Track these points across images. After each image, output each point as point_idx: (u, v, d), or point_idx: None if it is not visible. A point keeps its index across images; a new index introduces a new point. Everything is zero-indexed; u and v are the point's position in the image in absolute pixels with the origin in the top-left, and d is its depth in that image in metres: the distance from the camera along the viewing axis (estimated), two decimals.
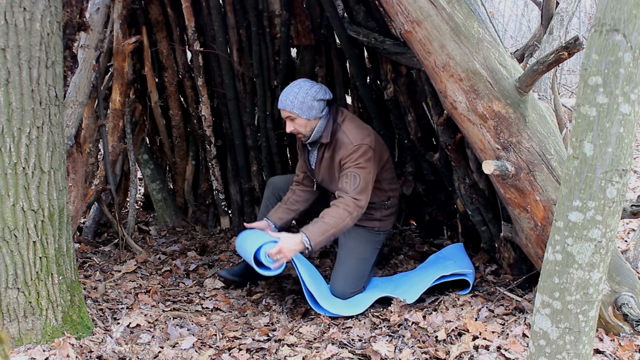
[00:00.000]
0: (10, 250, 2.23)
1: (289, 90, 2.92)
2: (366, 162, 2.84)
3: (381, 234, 3.23)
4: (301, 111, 2.88)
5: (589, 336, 1.65)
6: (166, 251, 3.84)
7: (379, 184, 3.06)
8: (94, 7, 3.29)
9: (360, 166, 2.83)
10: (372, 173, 2.89)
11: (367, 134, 2.94)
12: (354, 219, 2.85)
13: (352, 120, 3.00)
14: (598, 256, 1.57)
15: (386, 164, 3.08)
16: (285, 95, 2.92)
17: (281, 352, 2.42)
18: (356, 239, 3.12)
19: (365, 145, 2.86)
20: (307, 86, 2.92)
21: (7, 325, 2.26)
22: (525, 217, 2.54)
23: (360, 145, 2.85)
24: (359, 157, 2.84)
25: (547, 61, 2.28)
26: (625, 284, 2.40)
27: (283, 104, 2.92)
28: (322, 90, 2.94)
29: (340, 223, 2.80)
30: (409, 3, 2.41)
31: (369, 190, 2.88)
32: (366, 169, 2.84)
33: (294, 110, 2.88)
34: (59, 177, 2.37)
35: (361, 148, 2.84)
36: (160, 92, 4.08)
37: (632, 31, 1.44)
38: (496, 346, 2.32)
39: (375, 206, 3.11)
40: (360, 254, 3.11)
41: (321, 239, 2.80)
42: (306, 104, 2.86)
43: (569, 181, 1.57)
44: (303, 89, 2.90)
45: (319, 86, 2.96)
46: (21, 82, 2.17)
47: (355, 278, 3.07)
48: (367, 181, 2.85)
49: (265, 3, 3.82)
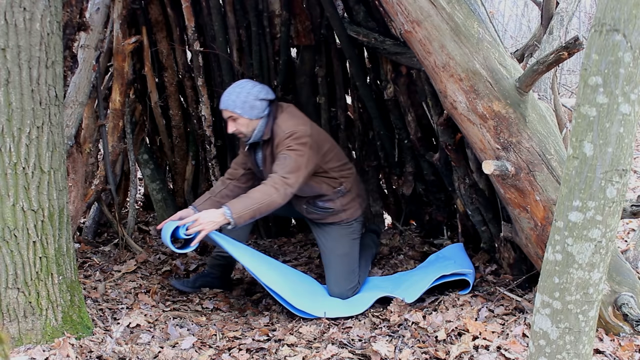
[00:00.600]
0: (10, 250, 2.23)
1: (231, 90, 2.92)
2: (298, 145, 2.82)
3: (353, 223, 3.20)
4: (243, 111, 2.87)
5: (589, 336, 1.65)
6: (166, 251, 3.83)
7: (326, 174, 3.04)
8: (94, 7, 3.29)
9: (291, 149, 2.82)
10: (306, 157, 2.84)
11: (301, 122, 2.94)
12: (283, 196, 2.75)
13: (288, 112, 2.98)
14: (598, 256, 1.57)
15: (329, 153, 3.04)
16: (227, 96, 2.90)
17: (281, 352, 2.42)
18: (332, 238, 3.14)
19: (297, 131, 2.85)
20: (249, 86, 2.93)
21: (7, 325, 2.26)
22: (525, 217, 2.54)
23: (292, 131, 2.84)
24: (290, 141, 2.82)
25: (547, 61, 2.28)
26: (625, 284, 2.40)
27: (225, 104, 2.90)
28: (264, 90, 2.95)
29: (265, 198, 2.71)
30: (409, 3, 2.41)
31: (302, 172, 2.81)
32: (298, 151, 2.82)
33: (236, 110, 2.87)
34: (59, 177, 2.37)
35: (294, 134, 2.84)
36: (160, 92, 4.08)
37: (632, 31, 1.44)
38: (496, 346, 2.32)
39: (330, 197, 3.10)
40: (340, 249, 3.12)
41: (244, 212, 2.69)
42: (248, 103, 2.86)
43: (569, 181, 1.56)
44: (245, 88, 2.90)
45: (261, 86, 2.97)
46: (21, 82, 2.17)
47: (346, 274, 3.09)
48: (298, 163, 2.80)
49: (265, 3, 3.81)
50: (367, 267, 3.35)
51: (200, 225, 2.69)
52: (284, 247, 4.04)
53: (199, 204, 3.08)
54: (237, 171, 3.19)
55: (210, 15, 3.82)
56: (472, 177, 3.11)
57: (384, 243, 3.89)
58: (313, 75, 3.99)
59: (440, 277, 2.99)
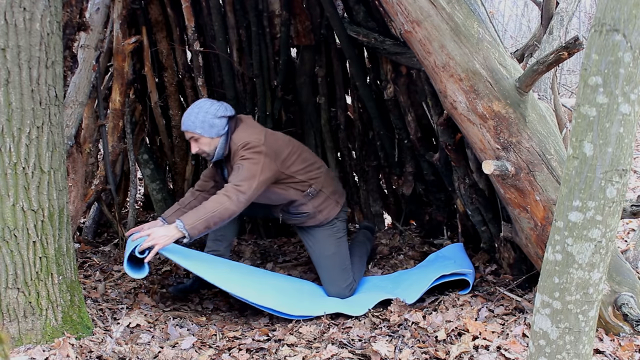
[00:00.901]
0: (10, 250, 2.23)
1: (190, 111, 2.95)
2: (251, 154, 2.83)
3: (335, 222, 3.19)
4: (203, 130, 2.90)
5: (589, 336, 1.65)
6: None
7: (291, 179, 3.02)
8: (94, 7, 3.29)
9: (244, 158, 2.83)
10: (260, 165, 2.83)
11: (254, 132, 2.93)
12: (236, 204, 2.74)
13: (243, 125, 2.98)
14: (598, 256, 1.57)
15: (290, 157, 3.02)
16: (187, 117, 2.93)
17: (281, 352, 2.42)
18: (317, 240, 3.16)
19: (250, 141, 2.86)
20: (207, 105, 2.95)
21: (7, 325, 2.26)
22: (525, 217, 2.54)
23: (244, 142, 2.85)
24: (243, 152, 2.84)
25: (547, 61, 2.28)
26: (625, 284, 2.40)
27: (185, 125, 2.93)
28: (222, 107, 2.95)
29: (217, 207, 2.70)
30: (409, 3, 2.41)
31: (256, 179, 2.79)
32: (251, 159, 2.82)
33: (197, 130, 2.90)
34: (59, 177, 2.37)
35: (246, 144, 2.85)
36: (160, 92, 4.08)
37: (632, 31, 1.44)
38: (496, 346, 2.32)
39: (301, 201, 3.08)
40: (327, 250, 3.14)
41: (197, 223, 2.67)
42: (207, 122, 2.89)
43: (569, 181, 1.56)
44: (203, 108, 2.92)
45: (219, 104, 2.97)
46: (21, 82, 2.17)
47: (338, 273, 3.10)
48: (251, 171, 2.80)
49: (265, 3, 3.82)
50: (362, 264, 3.35)
51: (153, 240, 2.64)
52: (284, 247, 4.04)
53: (167, 215, 3.07)
54: (206, 183, 3.20)
55: (210, 15, 3.82)
56: (472, 177, 3.12)
57: (384, 243, 3.89)
58: (313, 75, 3.99)
59: (440, 277, 2.99)
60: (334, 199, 3.20)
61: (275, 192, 3.03)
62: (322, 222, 3.15)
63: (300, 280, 3.31)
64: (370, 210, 4.18)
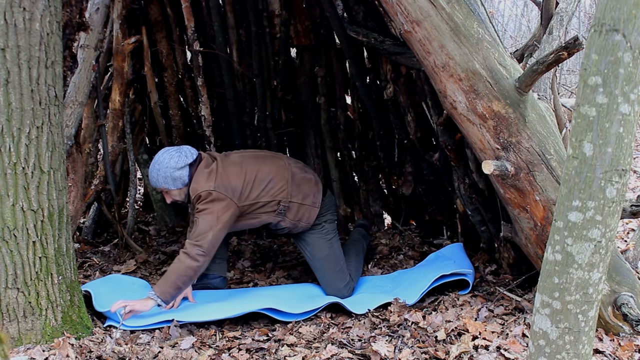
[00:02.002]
0: (10, 250, 2.23)
1: (152, 168, 2.95)
2: (204, 205, 2.85)
3: (324, 224, 3.16)
4: (168, 184, 2.93)
5: (588, 336, 1.65)
6: (166, 251, 3.84)
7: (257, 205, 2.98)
8: (94, 7, 3.29)
9: (199, 211, 2.86)
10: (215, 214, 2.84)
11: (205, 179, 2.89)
12: (196, 259, 2.79)
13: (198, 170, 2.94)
14: (598, 256, 1.57)
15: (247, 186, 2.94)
16: (151, 174, 2.96)
17: (281, 352, 2.42)
18: (308, 244, 3.15)
19: (201, 194, 2.86)
20: (166, 160, 2.90)
21: (7, 325, 2.26)
22: (525, 217, 2.54)
23: (197, 196, 2.87)
24: (198, 205, 2.87)
25: (546, 61, 2.29)
26: (625, 284, 2.40)
27: (152, 182, 2.99)
28: (181, 157, 2.91)
29: (180, 266, 2.77)
30: (409, 3, 2.41)
31: (212, 230, 2.82)
32: (204, 211, 2.85)
33: (163, 186, 2.94)
34: (59, 177, 2.37)
35: (199, 198, 2.87)
36: (160, 92, 4.08)
37: (632, 31, 1.44)
38: (496, 346, 2.32)
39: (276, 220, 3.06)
40: (320, 253, 3.14)
41: (166, 287, 2.75)
42: (169, 176, 2.90)
43: (568, 181, 1.57)
44: (163, 164, 2.91)
45: (178, 154, 2.92)
46: (21, 82, 2.17)
47: (334, 274, 3.11)
48: (206, 223, 2.83)
49: (265, 3, 3.82)
50: (359, 262, 3.35)
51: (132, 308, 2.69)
52: (284, 247, 4.04)
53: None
54: None
55: (210, 15, 3.82)
56: (472, 177, 3.11)
57: (384, 243, 3.89)
58: (313, 75, 3.99)
59: (440, 277, 2.99)
60: (309, 202, 3.09)
61: (248, 223, 3.05)
62: (308, 229, 3.14)
63: (296, 285, 3.30)
64: (370, 210, 4.18)
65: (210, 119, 4.02)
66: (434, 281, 2.98)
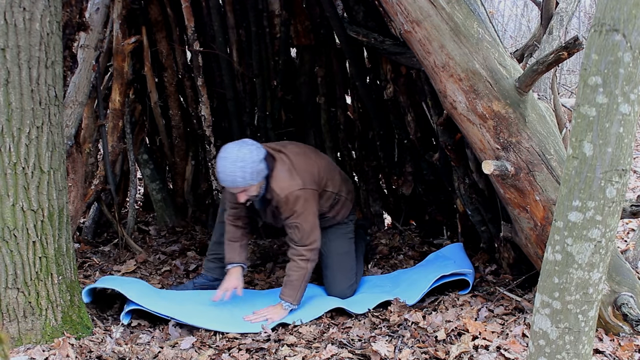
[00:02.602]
0: (10, 250, 2.23)
1: (232, 167, 2.68)
2: (302, 207, 2.83)
3: (349, 223, 3.25)
4: (253, 180, 2.73)
5: (588, 336, 1.65)
6: (166, 251, 3.84)
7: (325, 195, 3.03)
8: (94, 7, 3.29)
9: (297, 214, 2.83)
10: (310, 211, 2.87)
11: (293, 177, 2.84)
12: (315, 258, 2.90)
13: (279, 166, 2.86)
14: (598, 256, 1.57)
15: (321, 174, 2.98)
16: (232, 174, 2.68)
17: (281, 352, 2.42)
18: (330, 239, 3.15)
19: (294, 193, 2.81)
20: (247, 154, 2.70)
21: (7, 325, 2.26)
22: (525, 217, 2.54)
23: (288, 195, 2.80)
24: (292, 207, 2.82)
25: (546, 61, 2.29)
26: (625, 284, 2.41)
27: (234, 183, 2.70)
28: (257, 149, 2.77)
29: (305, 272, 2.86)
30: (409, 3, 2.41)
31: (315, 226, 2.88)
32: (303, 213, 2.84)
33: (249, 182, 2.72)
34: (59, 177, 2.37)
35: (291, 197, 2.80)
36: (160, 92, 4.08)
37: (632, 31, 1.44)
38: (496, 346, 2.32)
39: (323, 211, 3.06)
40: (340, 249, 3.16)
41: (297, 293, 2.86)
42: (255, 170, 2.72)
43: (568, 181, 1.56)
44: (247, 160, 2.68)
45: (254, 146, 2.77)
46: (21, 82, 2.17)
47: (345, 272, 3.12)
48: (309, 222, 2.86)
49: (265, 3, 3.82)
50: (361, 264, 3.37)
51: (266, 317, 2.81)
52: (283, 247, 4.04)
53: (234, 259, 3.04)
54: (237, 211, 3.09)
55: (210, 15, 3.82)
56: (472, 177, 3.12)
57: (384, 243, 3.88)
58: (313, 75, 3.99)
59: (440, 277, 2.99)
60: (350, 197, 3.24)
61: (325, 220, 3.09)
62: (338, 222, 3.19)
63: None
64: (370, 210, 4.18)
65: (210, 119, 4.02)
66: (434, 282, 2.98)
